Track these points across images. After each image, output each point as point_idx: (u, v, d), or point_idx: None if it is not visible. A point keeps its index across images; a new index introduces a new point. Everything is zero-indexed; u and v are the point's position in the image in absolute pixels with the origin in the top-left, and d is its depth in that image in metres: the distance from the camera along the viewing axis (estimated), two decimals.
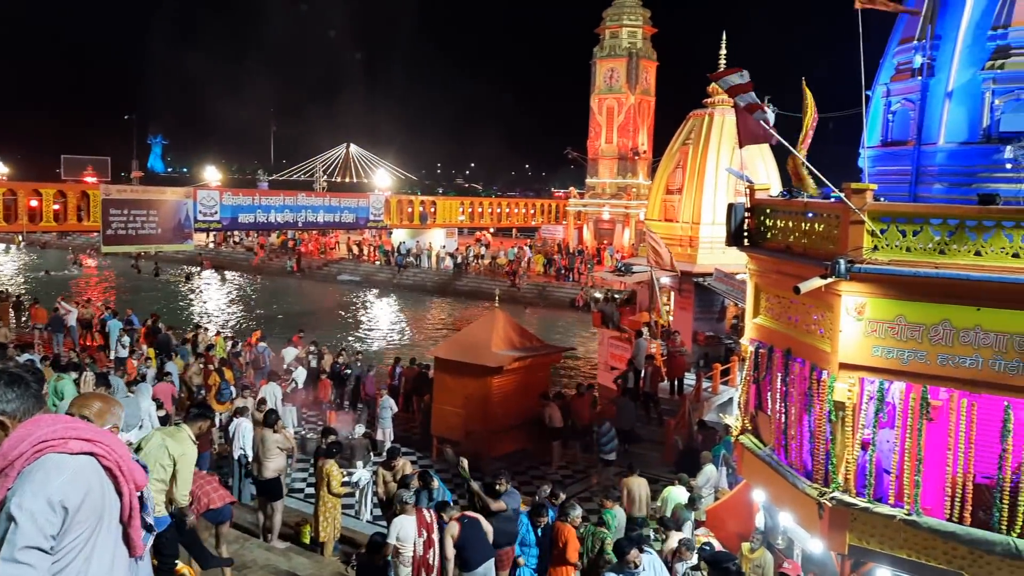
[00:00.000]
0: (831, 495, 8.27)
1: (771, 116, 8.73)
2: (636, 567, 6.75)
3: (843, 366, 8.18)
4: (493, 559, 8.62)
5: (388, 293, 48.95)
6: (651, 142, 50.30)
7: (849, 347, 8.12)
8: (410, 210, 50.48)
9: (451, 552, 8.22)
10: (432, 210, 52.21)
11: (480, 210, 57.95)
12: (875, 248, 7.91)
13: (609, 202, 50.38)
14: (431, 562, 8.15)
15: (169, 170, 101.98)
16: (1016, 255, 7.23)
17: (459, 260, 50.92)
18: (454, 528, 8.37)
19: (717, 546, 10.09)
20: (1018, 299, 7.19)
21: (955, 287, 7.45)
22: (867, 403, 8.24)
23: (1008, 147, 8.34)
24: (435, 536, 8.22)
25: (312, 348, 21.99)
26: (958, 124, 9.04)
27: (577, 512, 9.40)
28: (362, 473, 13.40)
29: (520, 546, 8.77)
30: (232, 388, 16.92)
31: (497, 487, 10.54)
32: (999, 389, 7.42)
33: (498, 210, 59.74)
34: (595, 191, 51.36)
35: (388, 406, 16.67)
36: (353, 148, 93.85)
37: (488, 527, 8.74)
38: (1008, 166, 8.34)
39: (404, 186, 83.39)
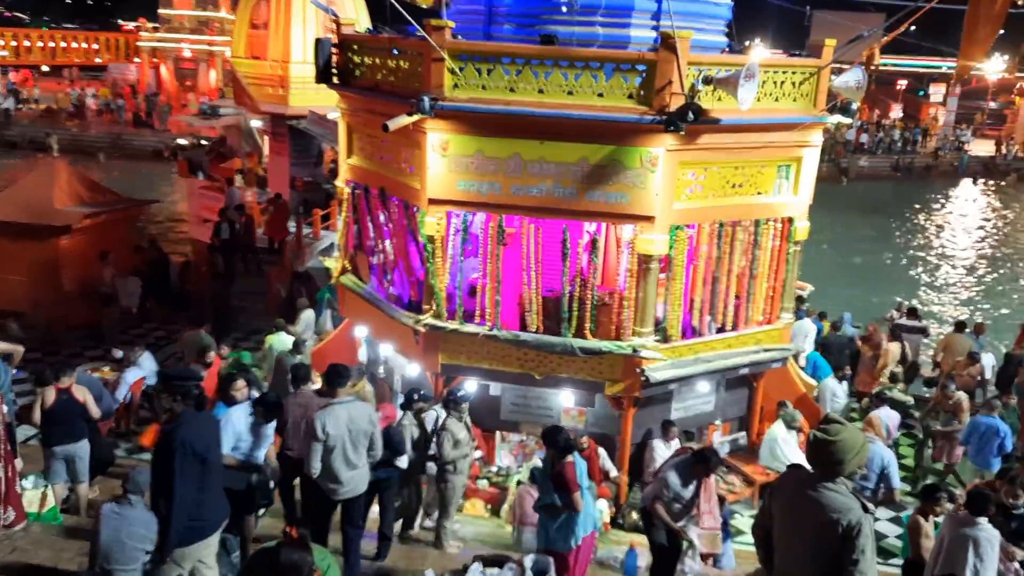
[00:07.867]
0: (425, 322, 8.90)
1: None
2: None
3: (432, 201, 8.59)
4: None
5: None
6: None
7: (436, 183, 8.51)
8: None
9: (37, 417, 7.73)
10: None
11: (28, 44, 48.25)
12: (456, 86, 8.21)
13: (189, 38, 45.32)
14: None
15: None
16: (571, 92, 8.05)
17: (4, 105, 42.45)
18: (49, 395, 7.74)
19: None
20: (572, 132, 8.10)
21: (523, 123, 8.11)
22: (454, 235, 8.86)
23: None
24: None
25: None
26: None
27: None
28: None
29: None
30: None
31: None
32: (559, 214, 8.47)
33: (51, 44, 50.35)
34: (171, 24, 45.60)
35: None
36: None
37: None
38: (564, 9, 9.13)
39: None
